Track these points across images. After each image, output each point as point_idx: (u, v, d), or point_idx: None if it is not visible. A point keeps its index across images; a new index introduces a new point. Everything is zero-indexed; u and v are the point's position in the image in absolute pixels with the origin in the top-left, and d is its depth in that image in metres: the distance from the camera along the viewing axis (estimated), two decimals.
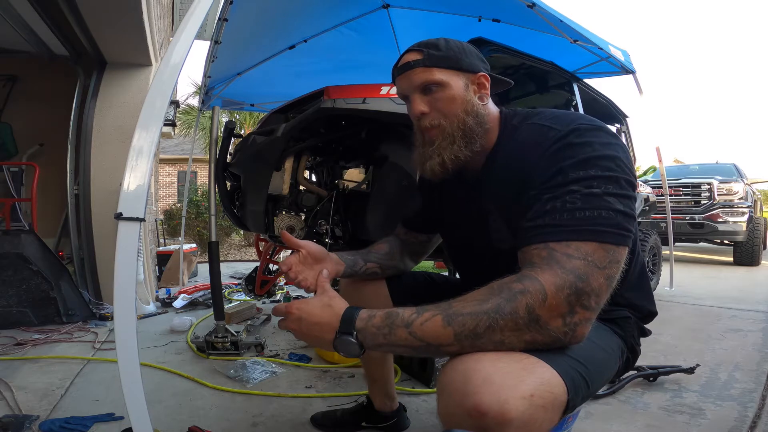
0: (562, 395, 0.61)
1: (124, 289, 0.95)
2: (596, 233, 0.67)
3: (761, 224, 5.62)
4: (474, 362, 0.61)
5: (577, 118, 0.78)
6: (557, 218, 0.69)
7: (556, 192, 0.71)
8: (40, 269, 2.56)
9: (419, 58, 0.85)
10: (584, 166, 0.71)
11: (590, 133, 0.74)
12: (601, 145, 0.72)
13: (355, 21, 2.72)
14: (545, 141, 0.76)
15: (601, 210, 0.68)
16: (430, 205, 1.08)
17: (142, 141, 1.03)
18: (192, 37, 1.10)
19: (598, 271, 0.65)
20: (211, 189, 2.22)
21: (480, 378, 0.59)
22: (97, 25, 2.76)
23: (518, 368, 0.60)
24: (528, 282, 0.65)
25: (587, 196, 0.68)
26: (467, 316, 0.64)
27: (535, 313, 0.63)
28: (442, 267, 4.11)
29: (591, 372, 0.69)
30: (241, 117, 10.52)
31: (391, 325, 0.67)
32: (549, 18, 2.13)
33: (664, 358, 2.06)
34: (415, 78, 0.86)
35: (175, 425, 1.39)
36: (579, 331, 0.65)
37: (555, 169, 0.73)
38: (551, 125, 0.78)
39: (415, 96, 0.87)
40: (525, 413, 0.57)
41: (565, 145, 0.74)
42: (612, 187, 0.69)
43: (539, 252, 0.69)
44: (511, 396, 0.57)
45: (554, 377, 0.61)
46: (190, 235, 8.63)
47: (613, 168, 0.70)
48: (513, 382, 0.58)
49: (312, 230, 1.84)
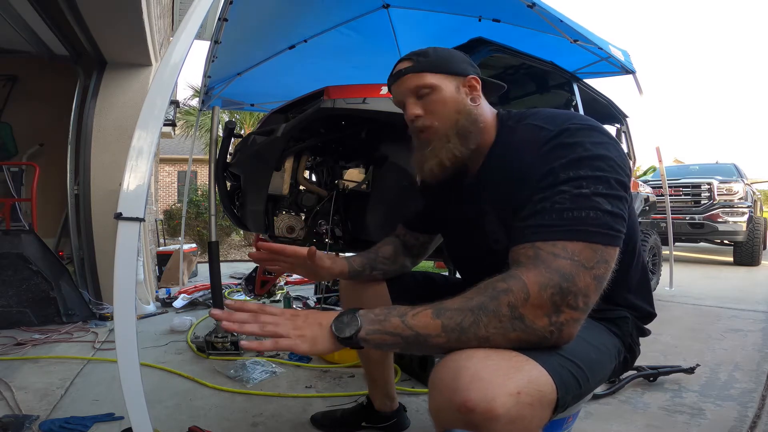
0: (550, 393, 0.62)
1: (124, 289, 0.95)
2: (583, 233, 0.67)
3: (761, 224, 5.62)
4: (464, 360, 0.62)
5: (569, 118, 0.78)
6: (546, 218, 0.70)
7: (547, 193, 0.72)
8: (40, 269, 2.56)
9: (410, 65, 0.89)
10: (574, 166, 0.71)
11: (581, 133, 0.74)
12: (592, 144, 0.73)
13: (355, 21, 2.72)
14: (538, 141, 0.77)
15: (589, 210, 0.68)
16: (431, 206, 1.09)
17: (142, 141, 1.03)
18: (192, 37, 1.11)
19: (584, 271, 0.66)
20: (211, 189, 2.22)
21: (469, 375, 0.60)
22: (97, 25, 2.76)
23: (507, 366, 0.61)
24: (512, 281, 0.66)
25: (576, 197, 0.69)
26: (454, 311, 0.66)
27: (517, 311, 0.64)
28: (442, 267, 4.11)
29: (583, 371, 0.69)
30: (241, 117, 10.52)
31: (388, 314, 0.69)
32: (549, 18, 2.13)
33: (664, 358, 2.06)
34: (408, 83, 0.89)
35: (175, 425, 1.39)
36: (566, 331, 0.66)
37: (546, 170, 0.73)
38: (543, 125, 0.79)
39: (409, 100, 0.90)
40: (512, 410, 0.58)
41: (556, 146, 0.74)
42: (602, 188, 0.70)
43: (526, 251, 0.70)
44: (498, 393, 0.58)
45: (542, 375, 0.62)
46: (190, 235, 8.63)
47: (603, 168, 0.71)
48: (501, 380, 0.59)
49: (312, 230, 1.84)
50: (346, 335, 0.68)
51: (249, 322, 0.71)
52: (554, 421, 0.88)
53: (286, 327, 0.70)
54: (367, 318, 0.69)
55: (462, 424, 0.59)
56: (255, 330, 0.70)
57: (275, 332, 0.70)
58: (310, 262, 1.00)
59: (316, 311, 0.76)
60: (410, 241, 1.15)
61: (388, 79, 0.95)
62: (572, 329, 0.66)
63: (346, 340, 0.69)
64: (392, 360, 1.32)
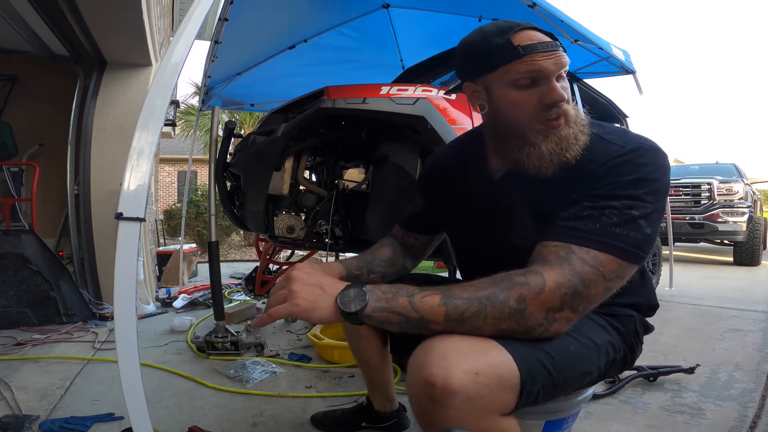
0: (511, 378, 0.64)
1: (124, 289, 0.95)
2: (618, 249, 0.69)
3: (761, 224, 5.62)
4: (438, 341, 0.66)
5: (640, 138, 0.78)
6: (589, 226, 0.71)
7: (598, 202, 0.72)
8: (40, 269, 2.56)
9: (555, 42, 0.78)
10: (634, 186, 0.72)
11: (651, 154, 0.75)
12: (656, 167, 0.74)
13: (355, 21, 2.72)
14: (606, 154, 0.76)
15: (631, 231, 0.70)
16: (434, 205, 1.06)
17: (143, 141, 1.03)
18: (192, 37, 1.10)
19: (602, 282, 0.69)
20: (211, 189, 2.22)
21: (437, 354, 0.64)
22: (97, 25, 2.76)
23: (471, 348, 0.64)
24: (531, 276, 0.67)
25: (625, 215, 0.70)
26: (461, 300, 0.66)
27: (524, 303, 0.66)
28: (442, 267, 4.11)
29: (556, 362, 0.69)
30: (241, 117, 10.52)
31: (396, 292, 0.69)
32: (550, 18, 2.13)
33: (664, 358, 2.06)
34: (563, 61, 0.78)
35: (175, 425, 1.39)
36: (554, 328, 0.68)
37: (606, 181, 0.74)
38: (613, 140, 0.78)
39: (553, 80, 0.77)
40: (468, 387, 0.60)
41: (625, 162, 0.74)
42: (649, 211, 0.71)
43: (558, 250, 0.70)
44: (456, 370, 0.61)
45: (506, 360, 0.64)
46: (190, 235, 8.63)
47: (656, 193, 0.73)
48: (461, 359, 0.62)
49: (312, 230, 1.84)
50: (351, 310, 0.67)
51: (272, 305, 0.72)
52: (554, 421, 0.88)
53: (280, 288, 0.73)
54: (374, 294, 0.69)
55: (426, 398, 0.63)
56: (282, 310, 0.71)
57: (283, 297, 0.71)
58: None
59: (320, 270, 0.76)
60: (409, 242, 1.13)
61: (521, 43, 0.76)
62: (562, 328, 0.69)
63: (350, 315, 0.68)
64: (391, 363, 1.30)
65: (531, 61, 0.76)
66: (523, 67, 0.76)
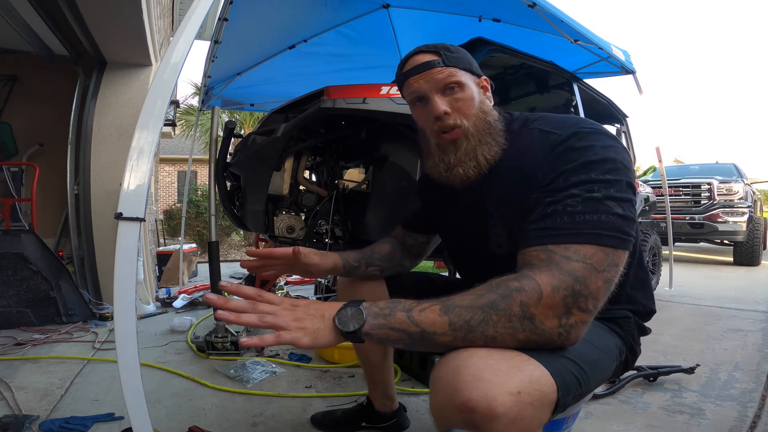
0: (551, 393, 0.62)
1: (124, 289, 0.95)
2: (596, 236, 0.67)
3: (761, 224, 5.62)
4: (465, 358, 0.62)
5: (578, 122, 0.78)
6: (558, 221, 0.70)
7: (557, 196, 0.71)
8: (40, 269, 2.56)
9: (437, 59, 0.84)
10: (585, 169, 0.71)
11: (591, 137, 0.74)
12: (602, 148, 0.73)
13: (355, 21, 2.72)
14: (547, 145, 0.77)
15: (601, 214, 0.68)
16: (431, 207, 1.08)
17: (142, 141, 1.03)
18: (192, 37, 1.10)
19: (596, 274, 0.66)
20: (211, 189, 2.22)
21: (470, 374, 0.59)
22: (97, 25, 2.76)
23: (508, 366, 0.61)
24: (525, 281, 0.65)
25: (588, 200, 0.69)
26: (463, 309, 0.64)
27: (529, 311, 0.63)
28: (442, 267, 4.11)
29: (584, 372, 0.69)
30: (241, 117, 10.53)
31: (393, 308, 0.67)
32: (550, 18, 2.13)
33: (664, 358, 2.06)
34: (438, 77, 0.84)
35: (175, 425, 1.39)
36: (574, 333, 0.65)
37: (556, 173, 0.73)
38: (552, 130, 0.79)
39: (435, 96, 0.84)
40: (512, 409, 0.57)
41: (566, 149, 0.74)
42: (613, 191, 0.70)
43: (538, 254, 0.69)
44: (498, 392, 0.57)
45: (544, 375, 0.62)
46: (190, 235, 8.64)
47: (613, 171, 0.71)
48: (501, 379, 0.59)
49: (312, 230, 1.84)
50: (349, 329, 0.65)
51: (247, 311, 0.67)
52: (554, 421, 0.88)
53: (285, 318, 0.67)
54: (371, 311, 0.67)
55: (463, 423, 0.59)
56: (253, 321, 0.66)
57: (275, 323, 0.66)
58: (297, 262, 0.98)
59: (317, 301, 0.73)
60: (409, 242, 1.14)
61: (404, 69, 0.88)
62: (580, 331, 0.66)
63: (350, 335, 0.66)
64: (392, 361, 1.31)
65: (409, 84, 0.87)
66: (405, 90, 0.89)
